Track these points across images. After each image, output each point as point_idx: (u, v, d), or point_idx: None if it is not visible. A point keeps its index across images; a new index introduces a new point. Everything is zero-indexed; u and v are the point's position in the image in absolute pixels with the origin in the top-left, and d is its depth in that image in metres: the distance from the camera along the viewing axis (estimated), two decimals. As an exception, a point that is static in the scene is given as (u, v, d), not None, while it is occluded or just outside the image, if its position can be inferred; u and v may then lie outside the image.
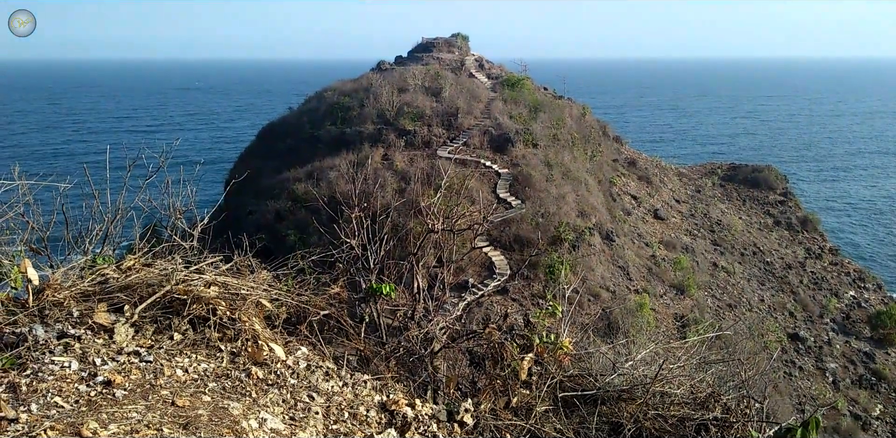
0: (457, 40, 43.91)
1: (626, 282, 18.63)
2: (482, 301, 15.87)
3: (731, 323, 17.17)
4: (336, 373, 4.21)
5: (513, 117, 29.25)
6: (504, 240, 19.35)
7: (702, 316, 16.61)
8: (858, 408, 17.08)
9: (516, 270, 17.93)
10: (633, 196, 27.04)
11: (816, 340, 19.35)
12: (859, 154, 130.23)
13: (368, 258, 5.36)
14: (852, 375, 18.63)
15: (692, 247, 22.44)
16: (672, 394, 5.30)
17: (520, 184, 23.40)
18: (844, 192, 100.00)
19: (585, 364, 5.53)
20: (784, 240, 26.42)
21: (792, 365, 17.44)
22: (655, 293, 18.25)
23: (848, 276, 25.19)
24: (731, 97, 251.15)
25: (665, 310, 17.41)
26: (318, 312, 4.84)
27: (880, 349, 20.63)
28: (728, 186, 30.72)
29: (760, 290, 21.28)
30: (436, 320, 5.12)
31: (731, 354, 9.97)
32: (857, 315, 22.31)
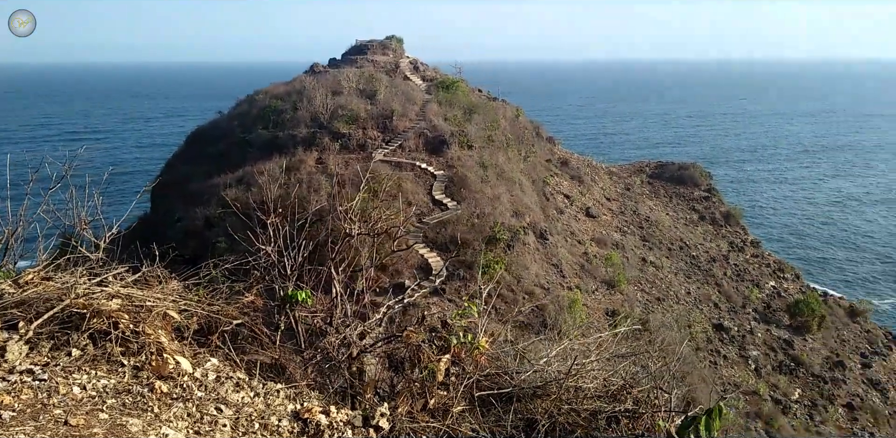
0: (391, 43, 43.84)
1: (559, 279, 19.03)
2: (418, 302, 15.93)
3: (660, 315, 17.79)
4: (247, 384, 4.17)
5: (448, 119, 29.42)
6: (440, 242, 19.48)
7: (631, 310, 17.15)
8: (779, 393, 17.96)
9: (452, 271, 18.08)
10: (565, 195, 27.64)
11: (739, 329, 20.24)
12: (779, 151, 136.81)
13: (285, 264, 5.33)
14: (773, 361, 19.58)
15: (622, 244, 23.11)
16: (585, 388, 5.46)
17: (455, 185, 23.58)
18: (765, 187, 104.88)
19: (502, 362, 5.65)
20: (708, 234, 27.52)
21: (717, 354, 18.21)
22: (587, 289, 18.72)
23: (768, 267, 26.44)
24: (670, 98, 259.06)
25: (596, 305, 17.89)
26: (231, 322, 4.79)
27: (798, 336, 21.73)
28: (656, 184, 31.77)
29: (687, 283, 22.11)
30: (353, 325, 5.13)
31: (653, 346, 10.32)
32: (777, 304, 23.43)
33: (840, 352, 22.57)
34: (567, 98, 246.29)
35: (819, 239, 77.47)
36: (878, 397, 21.17)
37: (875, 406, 20.21)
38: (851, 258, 71.31)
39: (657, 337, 12.90)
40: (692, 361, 14.99)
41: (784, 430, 15.46)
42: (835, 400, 19.19)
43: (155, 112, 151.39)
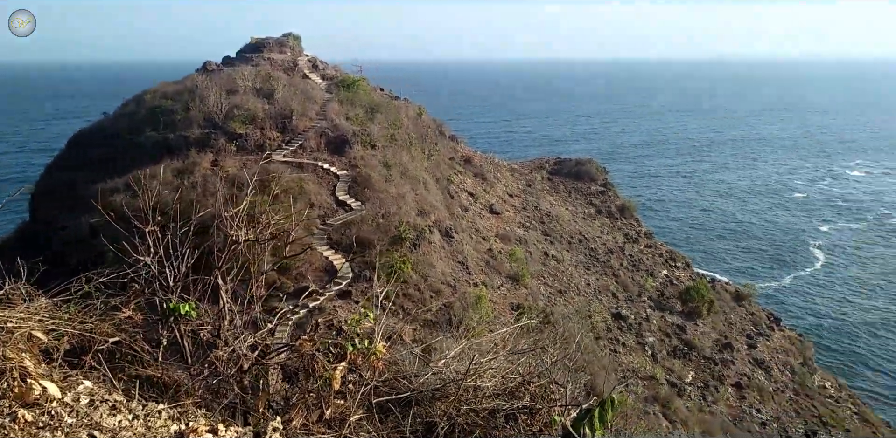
0: (289, 40, 42.75)
1: (465, 276, 19.23)
2: (324, 306, 15.63)
3: (562, 307, 18.33)
4: (125, 406, 3.91)
5: (350, 118, 29.05)
6: (345, 243, 19.19)
7: (535, 304, 17.56)
8: (674, 376, 18.96)
9: (358, 272, 17.86)
10: (469, 192, 27.97)
11: (636, 317, 21.20)
12: (664, 145, 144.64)
13: (167, 276, 5.04)
14: (668, 347, 20.65)
15: (525, 239, 23.65)
16: (484, 387, 5.49)
17: (359, 185, 23.32)
18: (658, 181, 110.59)
19: (401, 366, 5.60)
20: (605, 227, 28.64)
21: (616, 342, 19.00)
22: (493, 285, 19.02)
23: (661, 257, 27.85)
24: (574, 96, 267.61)
25: (502, 301, 18.21)
26: (106, 340, 4.48)
27: (690, 321, 23.03)
28: (555, 179, 32.73)
29: (587, 275, 22.90)
30: (243, 336, 4.92)
31: (554, 339, 10.57)
32: (670, 291, 24.73)
33: (728, 335, 24.11)
34: (472, 97, 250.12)
35: (706, 229, 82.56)
36: (763, 375, 22.77)
37: (761, 384, 21.71)
38: (735, 246, 76.43)
39: (559, 328, 13.26)
40: (593, 350, 15.54)
41: (680, 412, 16.31)
42: (725, 381, 20.47)
43: (36, 113, 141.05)
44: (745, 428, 18.37)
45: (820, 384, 25.37)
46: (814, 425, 21.16)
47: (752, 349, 24.09)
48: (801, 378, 24.16)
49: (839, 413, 23.16)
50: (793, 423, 20.38)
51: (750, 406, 19.85)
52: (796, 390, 23.11)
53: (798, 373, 24.72)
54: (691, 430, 15.73)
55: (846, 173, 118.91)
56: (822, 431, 20.81)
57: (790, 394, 22.50)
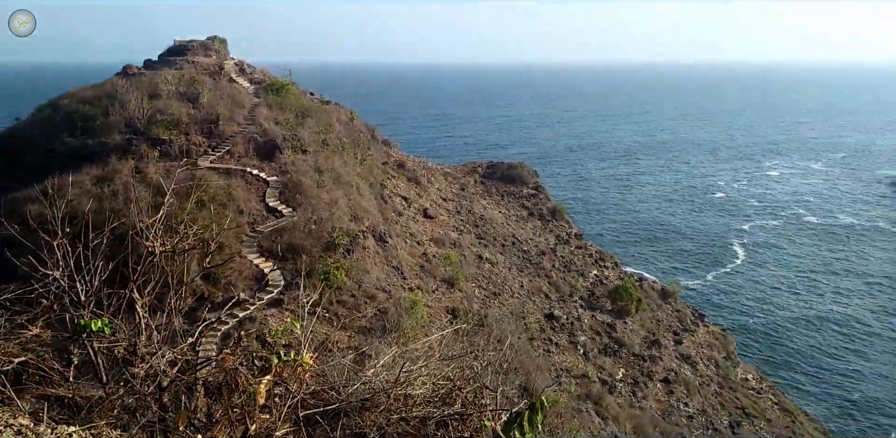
0: (214, 43, 41.59)
1: (400, 281, 19.16)
2: (255, 315, 15.26)
3: (496, 309, 18.51)
4: (31, 430, 3.70)
5: (279, 123, 28.52)
6: (276, 250, 18.79)
7: (470, 307, 17.68)
8: (605, 374, 19.44)
9: (290, 280, 17.53)
10: (403, 197, 27.93)
11: (568, 317, 21.64)
12: (595, 148, 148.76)
13: (78, 290, 4.80)
14: (599, 345, 21.17)
15: (459, 242, 23.79)
16: (415, 395, 5.46)
17: (290, 191, 22.91)
18: (588, 183, 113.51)
19: (330, 377, 5.51)
20: (537, 230, 29.14)
21: (550, 342, 19.34)
22: (428, 289, 19.02)
23: (591, 257, 28.55)
24: (509, 101, 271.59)
25: (437, 305, 18.24)
26: (11, 360, 4.22)
27: (619, 319, 23.69)
28: (488, 183, 33.09)
29: (520, 277, 23.22)
30: (162, 352, 4.73)
31: (489, 342, 10.64)
32: (600, 291, 25.38)
33: (656, 332, 24.93)
34: (407, 101, 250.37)
35: (633, 229, 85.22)
36: (689, 370, 23.64)
37: (687, 379, 22.53)
38: (661, 245, 79.20)
39: (494, 331, 13.39)
40: (527, 351, 15.75)
41: (611, 408, 16.73)
42: (653, 376, 21.14)
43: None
44: (674, 422, 19.02)
45: (742, 376, 26.55)
46: (737, 416, 22.11)
47: (678, 345, 24.98)
48: (724, 372, 25.22)
49: (760, 404, 24.29)
50: (718, 415, 21.24)
51: (678, 400, 20.57)
52: (720, 383, 24.11)
53: (722, 367, 25.79)
54: (622, 426, 16.16)
55: (764, 174, 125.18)
56: (745, 422, 21.77)
57: (715, 388, 23.45)
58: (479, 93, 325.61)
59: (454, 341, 8.87)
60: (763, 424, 22.63)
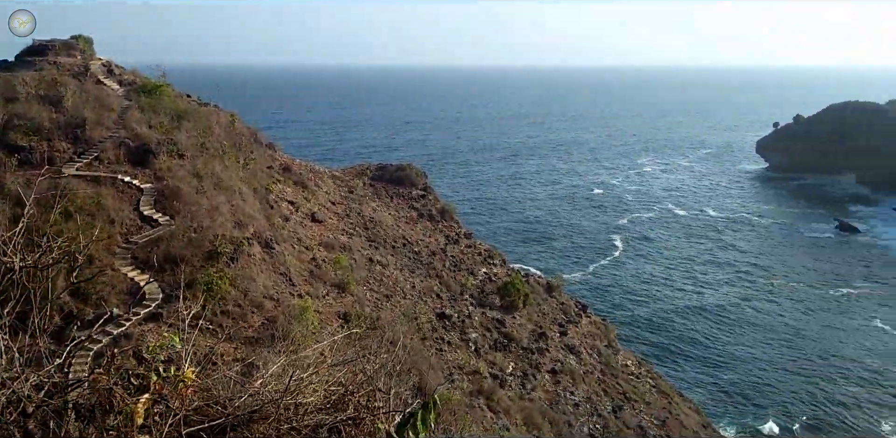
0: (78, 43, 38.66)
1: (289, 288, 18.75)
2: (131, 332, 14.40)
3: (389, 312, 18.55)
4: None
5: (153, 127, 26.98)
6: (153, 261, 17.82)
7: (362, 310, 17.61)
8: (496, 369, 20.01)
9: (170, 292, 16.68)
10: (290, 201, 27.31)
11: (460, 315, 22.07)
12: (482, 152, 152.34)
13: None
14: (489, 341, 21.75)
15: (349, 246, 23.62)
16: (306, 403, 5.40)
17: (167, 198, 21.77)
18: (475, 184, 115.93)
19: (215, 391, 5.34)
20: (427, 230, 29.46)
21: (442, 341, 19.64)
22: (318, 294, 18.74)
23: (480, 256, 29.26)
24: (402, 103, 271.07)
25: (328, 310, 18.02)
26: None
27: (508, 314, 24.45)
28: (377, 185, 33.05)
29: (412, 278, 23.39)
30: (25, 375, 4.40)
31: (382, 344, 10.66)
32: (490, 288, 26.06)
33: (542, 325, 25.93)
34: (295, 103, 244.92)
35: (519, 226, 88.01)
36: (574, 360, 24.78)
37: (573, 368, 23.61)
38: (545, 239, 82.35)
39: (386, 333, 13.42)
40: (420, 351, 15.91)
41: (502, 402, 17.23)
42: (541, 368, 22.00)
43: None
44: (561, 410, 19.88)
45: (623, 363, 28.16)
46: (620, 401, 23.45)
47: (563, 336, 26.12)
48: (606, 360, 26.66)
49: (640, 388, 25.89)
50: (602, 401, 22.43)
51: (564, 389, 21.52)
52: (603, 370, 25.47)
53: (604, 355, 27.24)
54: (513, 418, 16.69)
55: (638, 171, 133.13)
56: (627, 405, 23.14)
57: (598, 375, 24.74)
58: (374, 94, 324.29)
59: (346, 346, 8.84)
60: (643, 407, 24.13)
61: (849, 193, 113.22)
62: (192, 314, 6.16)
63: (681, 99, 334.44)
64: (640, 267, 72.27)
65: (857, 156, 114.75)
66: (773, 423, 40.87)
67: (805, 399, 43.98)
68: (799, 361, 49.86)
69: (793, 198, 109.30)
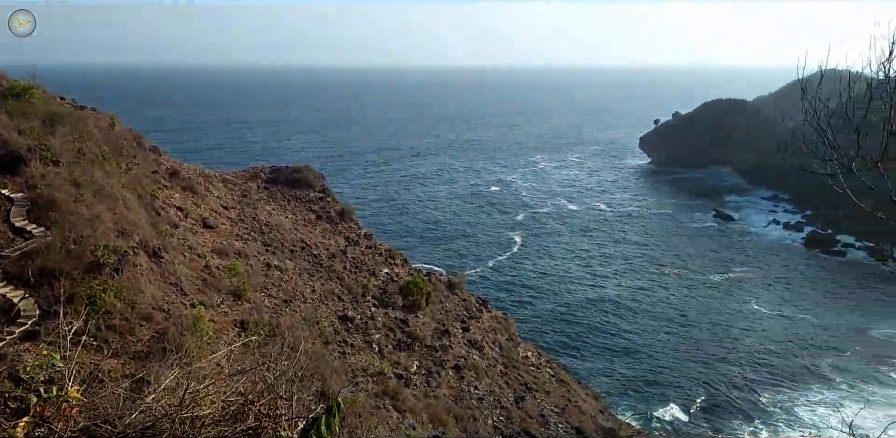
0: (-74, 38, 35.17)
1: (180, 298, 17.98)
2: (4, 353, 13.33)
3: (289, 317, 18.22)
4: None
5: (23, 132, 24.99)
6: (27, 276, 16.55)
7: (261, 317, 17.19)
8: (400, 368, 20.11)
9: (47, 308, 15.56)
10: (178, 207, 26.15)
11: (362, 317, 21.99)
12: (385, 152, 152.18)
13: None
14: (393, 341, 21.82)
15: (245, 252, 22.95)
16: (203, 416, 5.28)
17: (41, 208, 20.24)
18: (370, 184, 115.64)
19: (102, 410, 5.13)
20: (327, 233, 29.11)
21: (345, 344, 19.50)
22: (212, 303, 18.10)
23: (381, 256, 29.24)
24: (297, 105, 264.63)
25: (224, 319, 17.45)
26: None
27: (411, 313, 24.62)
28: (272, 188, 32.25)
29: (311, 281, 23.05)
30: None
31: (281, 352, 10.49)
32: (392, 288, 26.12)
33: (445, 322, 26.29)
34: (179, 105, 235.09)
35: (419, 225, 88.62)
36: (477, 355, 25.31)
37: (476, 363, 24.11)
38: (446, 237, 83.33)
39: (287, 339, 13.20)
40: (322, 356, 15.75)
41: (408, 401, 17.36)
42: (445, 365, 22.32)
43: None
44: (466, 405, 20.28)
45: (524, 355, 29.05)
46: (522, 392, 24.20)
47: (466, 332, 26.61)
48: (508, 353, 27.42)
49: (540, 378, 26.82)
50: (504, 393, 23.06)
51: (468, 384, 21.96)
52: (505, 363, 26.19)
53: (505, 348, 27.99)
54: (419, 416, 16.87)
55: (532, 169, 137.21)
56: (528, 396, 23.94)
57: (500, 368, 25.42)
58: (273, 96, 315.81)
59: (244, 355, 8.64)
60: (544, 396, 25.03)
61: (725, 184, 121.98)
62: (74, 330, 5.85)
63: (572, 99, 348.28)
64: (537, 261, 74.66)
65: (730, 150, 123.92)
66: (671, 405, 43.55)
67: (697, 380, 47.09)
68: (689, 345, 53.28)
69: (674, 191, 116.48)
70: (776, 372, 48.46)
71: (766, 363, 49.92)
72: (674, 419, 41.86)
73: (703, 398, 44.47)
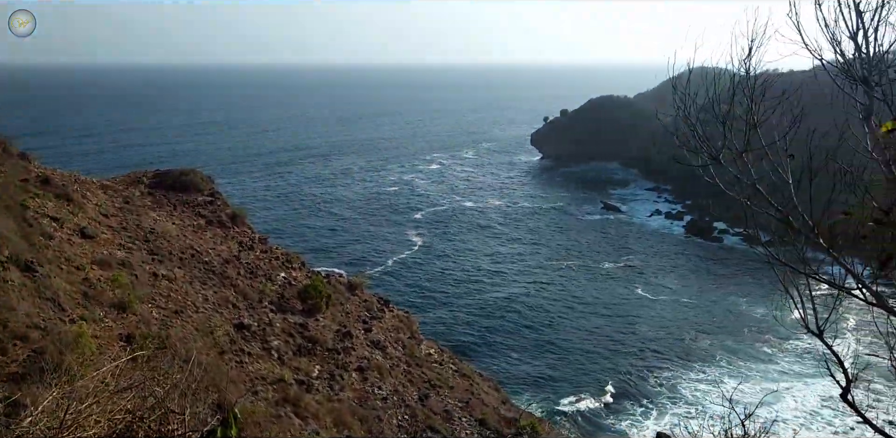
0: None
1: (58, 314, 16.82)
2: None
3: (180, 328, 17.50)
4: None
5: None
6: None
7: (149, 330, 16.40)
8: (302, 374, 19.80)
9: None
10: (52, 217, 24.36)
11: (260, 324, 21.44)
12: (270, 154, 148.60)
13: None
14: (293, 346, 21.44)
15: (129, 261, 21.75)
16: (87, 437, 5.09)
17: None
18: (261, 185, 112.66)
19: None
20: (218, 238, 28.09)
21: (242, 353, 18.94)
22: (94, 318, 17.06)
23: (277, 260, 28.57)
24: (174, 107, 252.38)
25: (108, 334, 16.49)
26: None
27: (311, 317, 24.26)
28: (157, 193, 30.68)
29: (203, 290, 22.20)
30: None
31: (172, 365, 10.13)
32: (290, 292, 25.61)
33: (347, 324, 26.10)
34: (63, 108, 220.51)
35: (317, 227, 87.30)
36: (380, 355, 25.32)
37: (379, 363, 24.12)
38: (344, 239, 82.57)
39: (179, 351, 12.73)
40: (218, 366, 15.26)
41: (310, 407, 17.15)
42: (348, 367, 22.19)
43: None
44: (371, 407, 20.28)
45: (426, 352, 29.34)
46: (425, 389, 24.47)
47: (368, 333, 26.56)
48: (411, 351, 27.61)
49: (443, 374, 27.21)
50: (408, 392, 23.23)
51: (372, 385, 21.95)
52: (408, 362, 26.36)
53: (408, 347, 28.17)
54: (323, 421, 16.72)
55: (431, 166, 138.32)
56: (432, 392, 24.25)
57: (404, 367, 25.57)
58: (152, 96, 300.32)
59: (132, 370, 8.28)
60: (447, 391, 25.43)
61: (611, 177, 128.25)
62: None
63: (469, 97, 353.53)
64: (437, 259, 75.47)
65: (614, 144, 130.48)
66: (571, 393, 45.34)
67: (594, 367, 49.32)
68: (585, 333, 55.67)
69: (566, 185, 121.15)
70: (663, 354, 51.66)
71: (654, 346, 53.08)
72: (572, 405, 43.72)
73: (601, 383, 46.71)
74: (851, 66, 5.88)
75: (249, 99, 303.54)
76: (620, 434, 40.70)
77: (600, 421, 42.19)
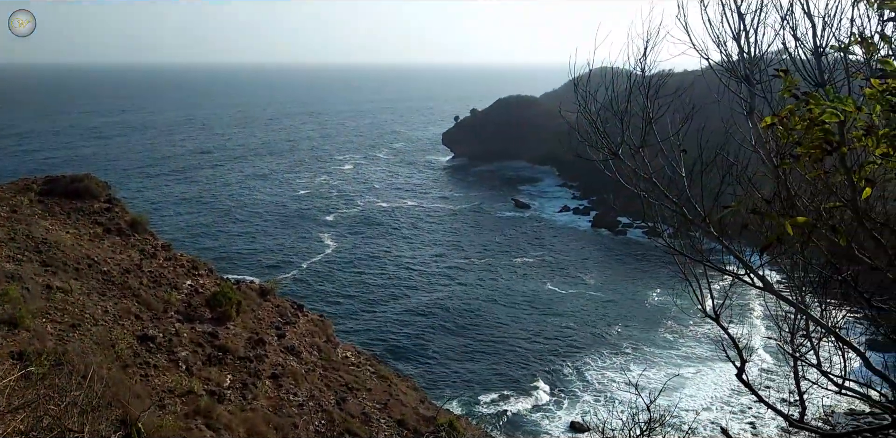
0: None
1: (-62, 334, 15.45)
2: None
3: (78, 343, 16.46)
4: None
5: None
6: None
7: (43, 346, 15.33)
8: (212, 385, 19.07)
9: None
10: (-74, 228, 22.32)
11: (165, 334, 20.48)
12: (177, 158, 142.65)
13: None
14: (202, 357, 20.61)
15: (19, 274, 20.24)
16: (-30, 463, 4.74)
17: None
18: (168, 191, 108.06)
19: None
20: (118, 246, 26.60)
21: (147, 366, 18.03)
22: (-19, 336, 15.78)
23: (183, 268, 27.35)
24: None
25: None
26: None
27: (221, 325, 23.40)
28: (48, 201, 28.68)
29: (103, 301, 20.97)
30: None
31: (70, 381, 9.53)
32: (198, 301, 24.59)
33: (259, 331, 25.33)
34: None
35: (225, 234, 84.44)
36: (295, 361, 24.73)
37: (294, 369, 23.56)
38: (255, 244, 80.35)
39: (77, 367, 12.00)
40: (121, 380, 14.48)
41: (223, 418, 16.56)
42: (261, 375, 21.54)
43: None
44: (286, 414, 19.79)
45: (343, 355, 28.93)
46: (343, 393, 24.14)
47: (281, 338, 25.89)
48: (327, 355, 27.13)
49: (361, 377, 26.92)
50: (325, 396, 22.83)
51: (287, 392, 21.42)
52: (325, 366, 25.91)
53: (324, 351, 27.66)
54: (236, 432, 16.20)
55: (339, 167, 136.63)
56: (350, 396, 23.95)
57: (320, 371, 25.11)
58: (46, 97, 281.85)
59: (25, 389, 7.74)
60: (365, 394, 25.18)
61: (521, 175, 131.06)
62: None
63: (381, 96, 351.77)
64: (352, 260, 74.71)
65: (523, 142, 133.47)
66: (489, 388, 45.97)
67: (512, 361, 50.24)
68: (501, 329, 56.61)
69: (477, 184, 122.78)
70: (575, 345, 53.37)
71: (567, 337, 54.75)
72: (491, 400, 44.41)
73: (519, 377, 47.69)
74: (735, 66, 6.27)
75: (156, 100, 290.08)
76: (534, 425, 41.76)
77: (517, 414, 43.11)
